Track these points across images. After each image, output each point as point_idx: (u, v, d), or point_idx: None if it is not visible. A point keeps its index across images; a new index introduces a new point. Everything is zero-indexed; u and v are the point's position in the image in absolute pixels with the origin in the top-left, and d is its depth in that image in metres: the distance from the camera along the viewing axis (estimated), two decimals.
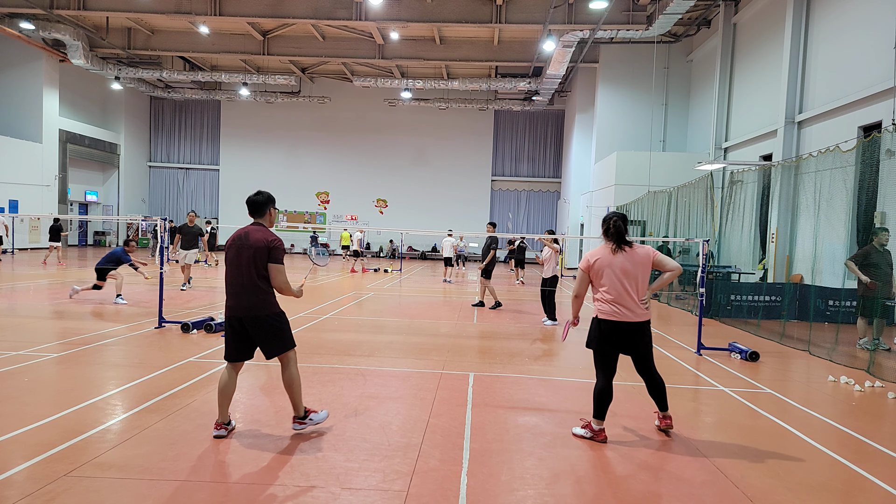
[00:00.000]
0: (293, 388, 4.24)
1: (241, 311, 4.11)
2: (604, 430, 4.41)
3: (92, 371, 5.98)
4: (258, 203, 4.29)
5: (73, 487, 3.37)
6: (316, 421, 4.38)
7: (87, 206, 31.26)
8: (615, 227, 4.37)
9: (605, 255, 4.39)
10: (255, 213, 4.31)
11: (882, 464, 4.24)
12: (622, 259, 4.34)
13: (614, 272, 4.33)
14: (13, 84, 25.65)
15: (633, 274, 4.34)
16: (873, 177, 10.12)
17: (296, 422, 4.32)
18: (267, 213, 4.31)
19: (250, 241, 4.13)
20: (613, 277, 4.33)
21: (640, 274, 4.36)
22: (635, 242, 4.47)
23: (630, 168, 20.19)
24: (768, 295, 11.66)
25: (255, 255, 4.10)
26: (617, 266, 4.33)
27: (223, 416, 4.22)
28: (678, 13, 17.04)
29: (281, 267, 4.14)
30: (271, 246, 4.11)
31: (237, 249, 4.17)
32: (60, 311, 9.65)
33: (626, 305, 4.31)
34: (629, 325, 4.33)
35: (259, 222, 4.29)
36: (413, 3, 19.92)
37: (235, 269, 4.15)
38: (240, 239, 4.19)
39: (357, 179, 33.42)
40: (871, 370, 7.03)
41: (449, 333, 8.96)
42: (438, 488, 3.55)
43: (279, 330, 4.19)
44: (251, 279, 4.10)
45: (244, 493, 3.40)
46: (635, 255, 4.36)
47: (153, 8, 20.05)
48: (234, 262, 4.17)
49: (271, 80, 27.31)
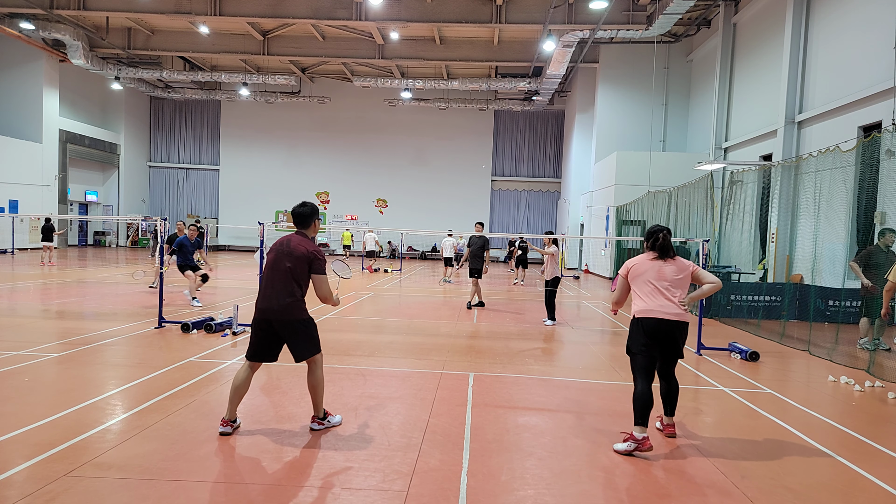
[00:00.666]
0: (317, 390, 4.37)
1: (273, 314, 4.21)
2: (648, 438, 4.15)
3: (92, 371, 5.98)
4: (303, 215, 4.43)
5: (73, 487, 3.37)
6: (333, 423, 4.52)
7: (87, 206, 31.26)
8: (664, 240, 4.48)
9: (644, 261, 4.53)
10: (299, 224, 4.43)
11: (882, 464, 4.24)
12: (661, 264, 4.47)
13: (653, 276, 4.44)
14: (13, 84, 25.64)
15: (673, 279, 4.42)
16: (873, 177, 10.12)
17: (315, 421, 4.45)
18: (312, 224, 4.44)
19: (291, 249, 4.25)
20: (652, 279, 4.43)
21: (680, 282, 4.44)
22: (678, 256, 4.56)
23: (630, 168, 20.18)
24: (768, 295, 11.66)
25: (295, 264, 4.22)
26: (654, 270, 4.46)
27: (231, 413, 4.29)
28: (678, 13, 17.03)
29: (324, 277, 4.27)
30: (312, 257, 4.22)
31: (277, 255, 4.29)
32: (60, 311, 9.65)
33: (664, 304, 4.35)
34: (668, 322, 4.33)
35: (302, 232, 4.41)
36: (413, 3, 19.92)
37: (273, 273, 4.26)
38: (282, 246, 4.31)
39: (357, 179, 33.41)
40: (871, 370, 7.03)
41: (449, 333, 8.96)
42: (438, 488, 3.56)
43: (308, 335, 4.31)
44: (287, 285, 4.21)
45: (244, 493, 3.40)
46: (676, 264, 4.48)
47: (153, 8, 20.05)
48: (273, 266, 4.28)
49: (271, 80, 27.31)
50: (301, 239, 4.33)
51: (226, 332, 8.13)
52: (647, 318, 4.35)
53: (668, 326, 4.34)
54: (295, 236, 4.35)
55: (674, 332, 4.37)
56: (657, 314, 4.33)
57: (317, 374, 4.36)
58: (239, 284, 15.22)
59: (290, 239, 4.32)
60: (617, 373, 6.76)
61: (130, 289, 13.30)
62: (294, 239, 4.31)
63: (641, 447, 4.12)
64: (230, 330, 8.18)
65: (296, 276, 4.22)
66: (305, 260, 4.22)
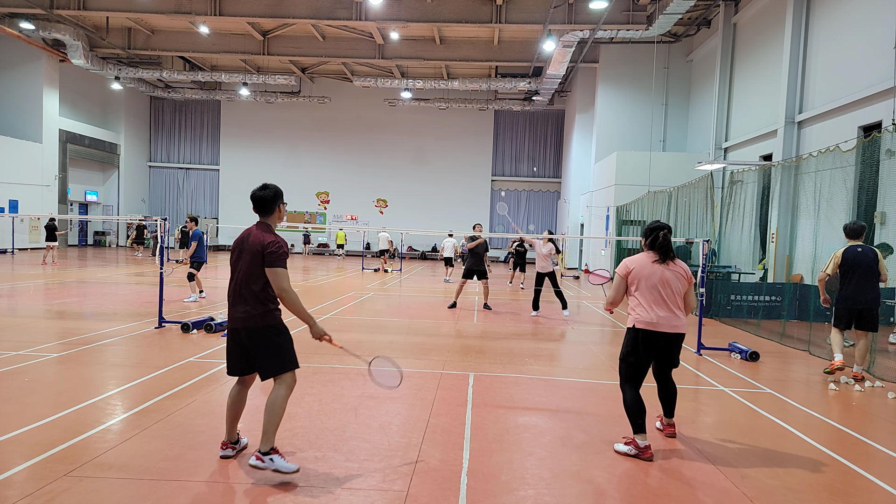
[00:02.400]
0: (273, 414, 3.58)
1: (237, 321, 3.66)
2: (650, 448, 4.07)
3: (92, 371, 5.98)
4: (265, 200, 3.76)
5: (73, 487, 3.37)
6: (277, 466, 3.52)
7: (87, 206, 31.26)
8: (664, 240, 4.24)
9: (646, 264, 4.26)
10: (261, 210, 3.79)
11: (882, 464, 4.24)
12: (663, 269, 4.22)
13: (654, 281, 4.20)
14: (13, 84, 25.65)
15: (674, 285, 4.22)
16: (873, 177, 10.13)
17: (255, 456, 3.58)
18: (275, 210, 3.81)
19: (249, 244, 3.66)
20: (652, 286, 4.20)
21: (680, 287, 4.24)
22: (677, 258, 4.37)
23: (630, 168, 20.18)
24: (768, 295, 11.65)
25: (251, 261, 3.63)
26: (657, 276, 4.21)
27: (230, 434, 3.85)
28: (678, 13, 17.03)
29: (280, 270, 3.60)
30: (266, 251, 3.58)
31: (238, 253, 3.73)
32: (60, 311, 9.65)
33: (663, 315, 4.16)
34: (666, 336, 4.19)
35: (264, 221, 3.79)
36: (413, 3, 19.92)
37: (234, 274, 3.72)
38: (241, 242, 3.73)
39: (357, 179, 33.42)
40: (871, 370, 7.03)
41: (449, 333, 8.96)
42: (438, 488, 3.55)
43: (277, 345, 3.66)
44: (247, 286, 3.64)
45: (244, 493, 3.40)
46: (676, 268, 4.26)
47: (153, 8, 20.05)
48: (233, 266, 3.75)
49: (271, 80, 27.32)
50: (259, 230, 3.70)
51: (225, 332, 8.12)
52: (643, 331, 4.18)
53: (664, 339, 4.20)
54: (254, 228, 3.74)
55: (674, 343, 4.26)
56: (663, 328, 4.15)
57: (279, 394, 3.61)
58: None
59: (250, 233, 3.72)
60: (617, 373, 6.74)
61: (131, 289, 13.30)
62: (253, 232, 3.71)
63: (642, 455, 4.06)
64: None
65: (255, 275, 3.62)
66: (259, 255, 3.59)
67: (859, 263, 6.49)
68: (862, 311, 6.52)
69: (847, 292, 6.59)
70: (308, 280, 17.29)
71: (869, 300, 6.49)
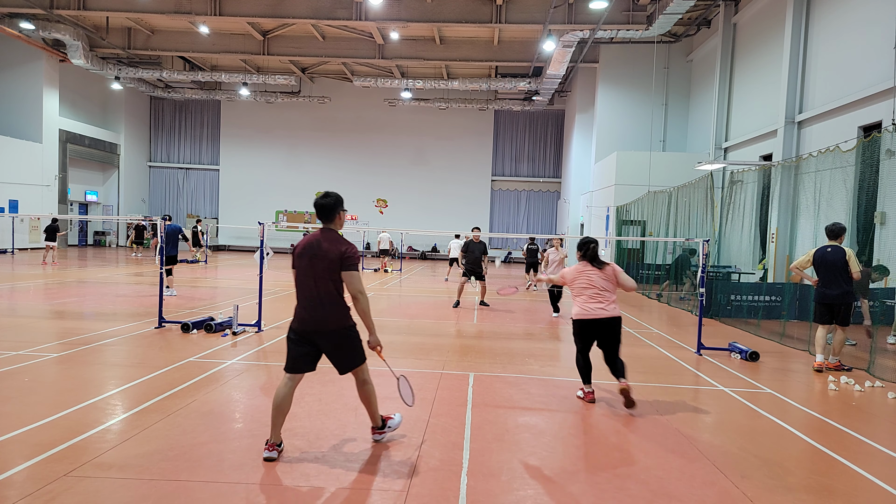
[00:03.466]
0: (370, 401, 4.16)
1: (314, 324, 3.88)
2: (593, 393, 5.50)
3: (92, 371, 5.98)
4: (327, 207, 3.95)
5: (73, 487, 3.37)
6: (393, 427, 4.32)
7: (87, 206, 31.25)
8: (592, 250, 5.53)
9: (580, 267, 5.54)
10: (324, 217, 3.97)
11: (882, 464, 4.24)
12: (592, 270, 5.47)
13: (587, 279, 5.44)
14: (13, 84, 25.63)
15: (603, 282, 5.42)
16: (873, 177, 10.13)
17: (375, 432, 4.25)
18: (337, 216, 3.99)
19: (323, 251, 3.84)
20: (586, 283, 5.43)
21: (610, 283, 5.44)
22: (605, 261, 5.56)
23: (630, 168, 20.17)
24: (768, 295, 11.65)
25: (329, 266, 3.84)
26: (589, 274, 5.46)
27: (275, 435, 3.89)
28: (678, 13, 17.03)
29: (356, 273, 3.88)
30: (345, 256, 3.83)
31: (310, 259, 3.87)
32: (60, 311, 9.65)
33: (594, 306, 5.35)
34: (599, 321, 5.34)
35: (328, 227, 3.98)
36: (413, 3, 19.91)
37: (309, 280, 3.87)
38: (311, 248, 3.88)
39: (357, 179, 33.40)
40: (871, 370, 7.03)
41: (449, 333, 8.97)
42: (438, 488, 3.56)
43: (352, 345, 3.97)
44: (326, 291, 3.86)
45: (244, 494, 3.40)
46: (604, 271, 5.46)
47: (153, 8, 20.05)
48: (307, 272, 3.88)
49: (271, 80, 27.31)
50: (330, 237, 3.91)
51: (226, 332, 8.13)
52: (578, 320, 5.47)
53: (598, 324, 5.37)
54: (323, 235, 3.93)
55: (603, 328, 5.38)
56: (585, 316, 5.39)
57: (367, 388, 4.13)
58: (239, 284, 15.22)
59: (319, 240, 3.89)
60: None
61: (131, 289, 13.30)
62: (323, 238, 3.89)
63: (586, 398, 5.48)
64: (230, 330, 8.18)
65: (334, 281, 3.86)
66: (338, 261, 3.84)
67: (826, 262, 7.09)
68: (831, 306, 7.11)
69: (819, 289, 7.23)
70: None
71: (835, 296, 7.05)
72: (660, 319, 11.45)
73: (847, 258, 6.97)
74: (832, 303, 7.08)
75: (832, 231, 7.24)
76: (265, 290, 10.74)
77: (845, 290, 7.00)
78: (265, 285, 9.12)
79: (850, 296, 7.03)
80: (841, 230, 7.23)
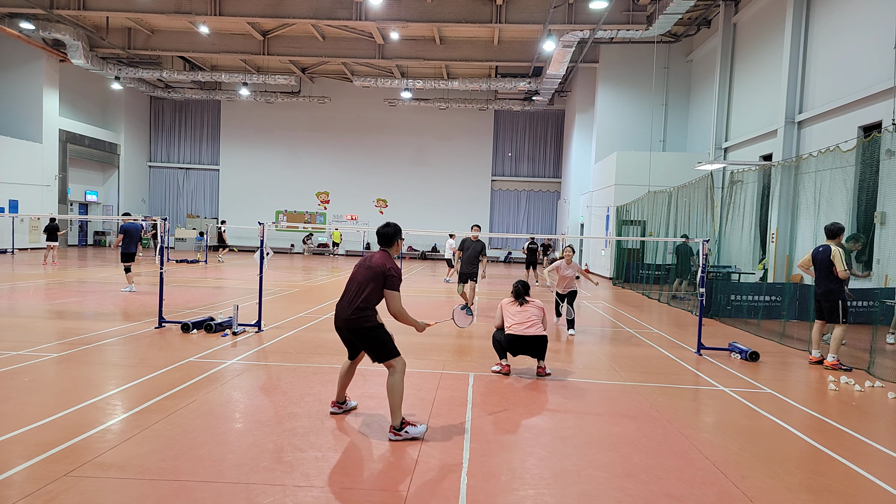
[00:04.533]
0: (393, 395, 4.39)
1: (341, 321, 4.52)
2: (509, 366, 6.54)
3: (92, 371, 5.98)
4: (387, 235, 4.73)
5: (73, 487, 3.37)
6: (412, 434, 4.35)
7: (87, 206, 31.25)
8: (522, 287, 6.54)
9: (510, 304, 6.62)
10: (383, 243, 4.73)
11: (882, 464, 4.24)
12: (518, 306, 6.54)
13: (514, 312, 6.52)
14: (13, 84, 25.63)
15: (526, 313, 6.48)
16: (873, 177, 10.14)
17: (392, 432, 4.36)
18: (395, 244, 4.75)
19: (372, 263, 4.52)
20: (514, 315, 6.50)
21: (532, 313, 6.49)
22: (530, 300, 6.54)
23: (630, 168, 20.18)
24: (768, 295, 11.65)
25: (370, 276, 4.45)
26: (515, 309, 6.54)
27: (339, 396, 4.86)
28: (678, 13, 17.03)
29: (396, 294, 4.46)
30: (387, 273, 4.43)
31: (357, 267, 4.64)
32: (60, 311, 9.65)
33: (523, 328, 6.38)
34: (527, 337, 6.33)
35: (385, 250, 4.70)
36: (413, 3, 19.92)
37: (353, 283, 4.55)
38: (365, 260, 4.64)
39: (357, 179, 33.41)
40: (870, 370, 7.03)
41: (449, 333, 8.96)
42: (438, 488, 3.56)
43: (379, 340, 4.47)
44: (358, 295, 4.45)
45: (244, 494, 3.40)
46: (530, 306, 6.51)
47: (153, 8, 20.05)
48: (354, 276, 4.59)
49: (271, 80, 27.31)
50: (382, 255, 4.60)
51: (226, 332, 8.13)
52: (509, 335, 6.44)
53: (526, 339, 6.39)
54: (378, 253, 4.66)
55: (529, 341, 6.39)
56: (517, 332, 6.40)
57: (394, 379, 4.42)
58: (239, 284, 15.22)
59: (374, 255, 4.62)
60: (617, 373, 6.76)
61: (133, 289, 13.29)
62: (377, 255, 4.60)
63: (503, 370, 6.46)
64: (230, 330, 8.18)
65: (366, 287, 4.43)
66: (380, 274, 4.44)
67: (817, 261, 7.45)
68: (819, 302, 7.45)
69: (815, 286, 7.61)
70: (309, 280, 17.29)
71: (821, 293, 7.39)
72: (660, 319, 11.45)
73: (832, 257, 7.20)
74: (819, 299, 7.46)
75: (829, 231, 7.48)
76: (265, 290, 10.74)
77: (828, 288, 7.30)
78: (265, 285, 9.12)
79: (832, 293, 7.27)
80: (838, 230, 7.43)
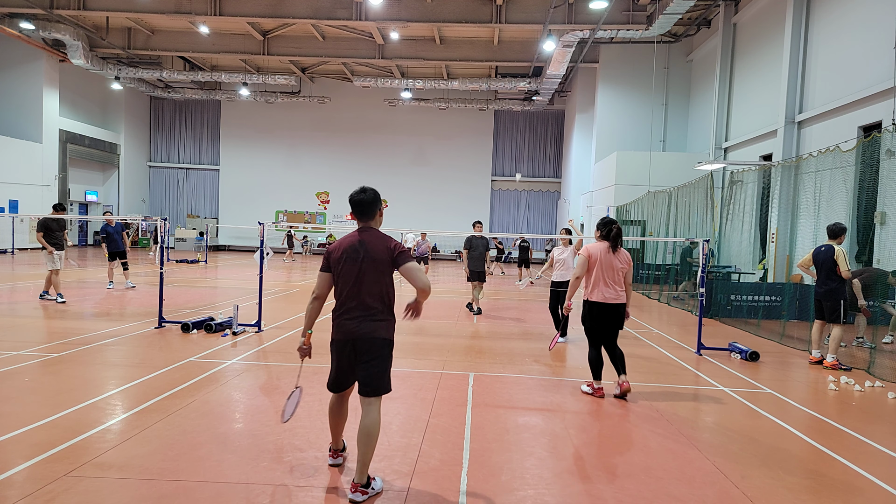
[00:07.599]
0: (371, 441, 3.38)
1: (359, 332, 3.45)
2: (602, 389, 5.67)
3: (92, 371, 5.98)
4: (366, 203, 3.53)
5: (73, 487, 3.37)
6: (377, 490, 3.47)
7: (87, 206, 31.25)
8: (618, 231, 5.61)
9: (602, 251, 5.61)
10: (362, 214, 3.56)
11: (882, 464, 4.24)
12: (612, 257, 5.60)
13: (605, 265, 5.59)
14: (13, 84, 25.62)
15: (618, 269, 5.62)
16: (873, 177, 10.14)
17: (357, 490, 3.35)
18: (377, 214, 3.59)
19: (370, 252, 3.44)
20: (603, 269, 5.59)
21: (623, 270, 5.66)
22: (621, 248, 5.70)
23: (630, 168, 20.18)
24: (768, 295, 11.66)
25: (377, 268, 3.44)
26: (608, 261, 5.59)
27: (336, 442, 3.85)
28: (678, 13, 17.03)
29: (415, 264, 3.48)
30: (395, 252, 3.45)
31: (355, 263, 3.45)
32: (61, 311, 9.65)
33: (609, 291, 5.57)
34: (610, 305, 5.57)
35: (369, 226, 3.57)
36: (413, 3, 19.91)
37: (356, 285, 3.46)
38: (355, 251, 3.46)
39: (357, 179, 33.32)
40: (871, 370, 7.03)
41: (449, 333, 8.96)
42: (438, 488, 3.56)
43: (388, 362, 3.53)
44: (371, 294, 3.46)
45: (244, 493, 3.40)
46: (621, 255, 5.65)
47: (153, 8, 20.04)
48: (354, 276, 3.46)
49: (271, 80, 27.30)
50: (374, 235, 3.50)
51: (226, 332, 8.13)
52: (594, 303, 5.65)
53: (609, 308, 5.61)
54: (365, 235, 3.50)
55: (611, 312, 5.62)
56: (601, 299, 5.62)
57: (375, 421, 3.41)
58: (239, 284, 15.22)
59: (362, 241, 3.47)
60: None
61: (134, 290, 13.30)
62: (367, 239, 3.48)
63: (596, 394, 5.65)
64: (230, 330, 8.18)
65: (385, 285, 3.49)
66: (390, 261, 3.44)
67: (818, 261, 7.52)
68: (819, 301, 7.51)
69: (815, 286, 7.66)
70: (308, 280, 17.29)
71: (821, 293, 7.46)
72: (660, 319, 11.45)
73: (835, 257, 7.26)
74: (819, 299, 7.51)
75: (831, 231, 7.53)
76: (265, 290, 10.74)
77: (829, 288, 7.35)
78: (265, 285, 9.12)
79: (833, 293, 7.32)
80: (840, 230, 7.48)
